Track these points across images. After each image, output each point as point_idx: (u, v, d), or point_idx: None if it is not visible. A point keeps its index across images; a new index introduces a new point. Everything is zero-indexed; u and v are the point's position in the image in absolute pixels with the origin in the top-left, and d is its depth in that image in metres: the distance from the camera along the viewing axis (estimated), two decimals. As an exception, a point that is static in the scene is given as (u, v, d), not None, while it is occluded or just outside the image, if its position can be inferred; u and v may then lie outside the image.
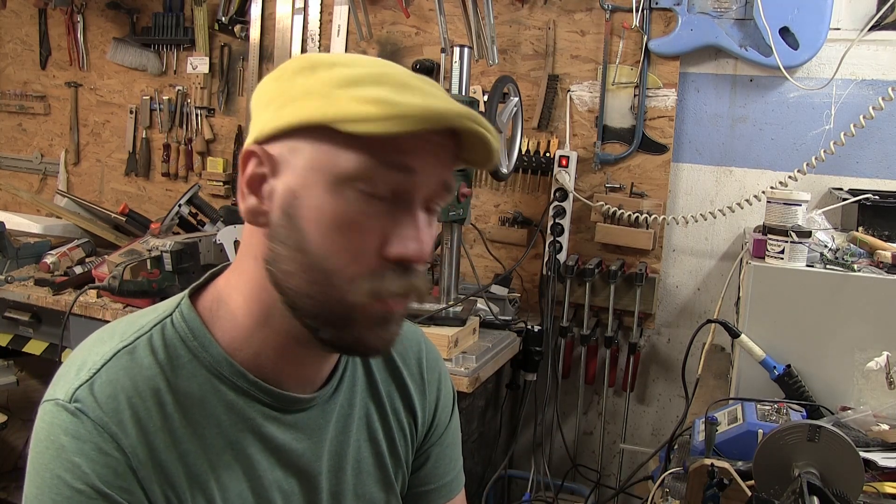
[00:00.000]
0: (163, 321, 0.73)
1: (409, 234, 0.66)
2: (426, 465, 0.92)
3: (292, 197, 0.67)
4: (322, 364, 0.78)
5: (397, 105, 0.62)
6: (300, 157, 0.66)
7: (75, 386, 0.67)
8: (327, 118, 0.64)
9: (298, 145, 0.67)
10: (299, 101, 0.66)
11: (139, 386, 0.68)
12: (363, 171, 0.64)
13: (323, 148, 0.65)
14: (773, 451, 1.02)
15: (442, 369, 0.94)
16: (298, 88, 0.67)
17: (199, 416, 0.70)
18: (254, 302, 0.71)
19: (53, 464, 0.65)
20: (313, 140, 0.66)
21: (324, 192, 0.65)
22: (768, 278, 1.44)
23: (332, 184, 0.65)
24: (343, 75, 0.65)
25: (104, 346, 0.70)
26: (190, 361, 0.71)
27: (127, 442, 0.66)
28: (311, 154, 0.66)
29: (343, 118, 0.63)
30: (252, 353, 0.72)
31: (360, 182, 0.65)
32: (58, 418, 0.66)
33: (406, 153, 0.65)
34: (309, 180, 0.66)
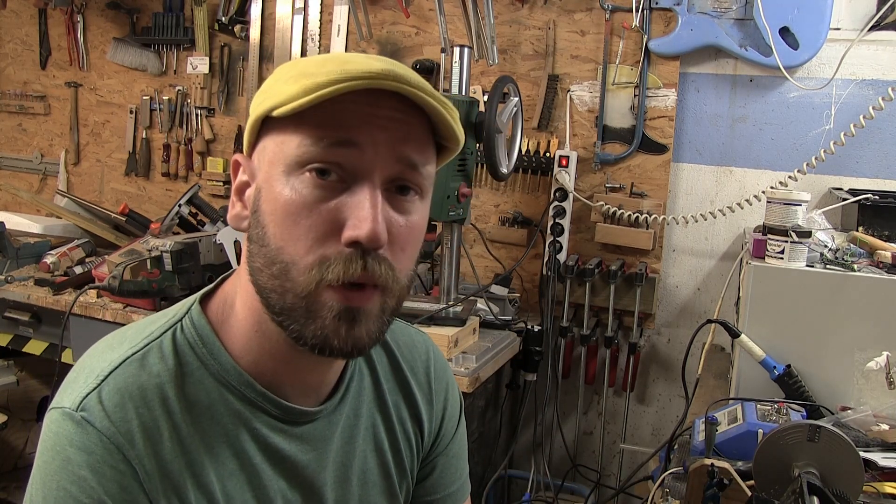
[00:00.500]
0: (173, 327, 0.72)
1: (361, 214, 0.63)
2: (432, 475, 0.91)
3: (257, 193, 0.68)
4: (323, 373, 0.76)
5: (312, 76, 0.62)
6: (264, 154, 0.68)
7: (83, 394, 0.66)
8: (266, 109, 0.65)
9: (264, 143, 0.68)
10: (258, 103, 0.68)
11: (148, 394, 0.67)
12: (306, 153, 0.64)
13: (275, 140, 0.66)
14: (773, 451, 1.02)
15: (450, 379, 0.93)
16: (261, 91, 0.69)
17: (206, 424, 0.69)
18: (248, 308, 0.71)
19: (60, 475, 0.64)
20: (270, 135, 0.67)
21: (279, 182, 0.65)
22: (768, 278, 1.44)
23: (285, 173, 0.65)
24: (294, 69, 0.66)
25: (113, 352, 0.70)
26: (198, 369, 0.70)
27: (134, 453, 0.65)
28: (269, 149, 0.67)
29: (274, 104, 0.64)
30: (253, 361, 0.72)
31: (308, 165, 0.64)
32: (64, 428, 0.65)
33: (348, 128, 0.63)
34: (268, 174, 0.67)
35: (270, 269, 0.65)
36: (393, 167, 0.65)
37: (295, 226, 0.64)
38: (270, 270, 0.65)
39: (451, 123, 0.67)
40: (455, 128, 0.68)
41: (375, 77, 0.61)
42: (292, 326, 0.66)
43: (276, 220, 0.65)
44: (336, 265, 0.63)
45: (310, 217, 0.64)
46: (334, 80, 0.61)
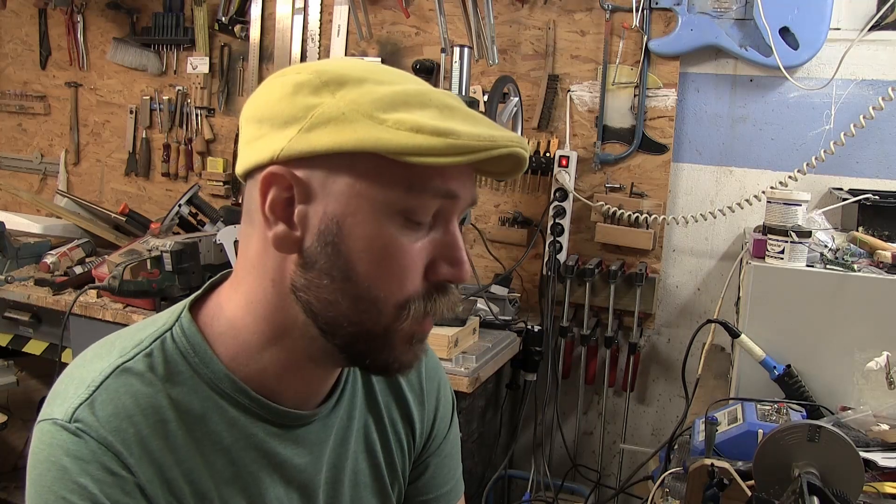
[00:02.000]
0: (162, 335, 0.70)
1: (454, 256, 0.67)
2: (424, 475, 0.91)
3: (335, 225, 0.64)
4: (327, 380, 0.76)
5: (454, 135, 0.61)
6: (341, 184, 0.63)
7: (75, 405, 0.65)
8: (379, 147, 0.61)
9: (338, 170, 0.63)
10: (337, 124, 0.62)
11: (141, 403, 0.66)
12: (413, 201, 0.64)
13: (370, 174, 0.63)
14: (773, 451, 1.02)
15: (441, 378, 0.93)
16: (329, 108, 0.62)
17: (200, 432, 0.68)
18: (266, 323, 0.69)
19: (57, 486, 0.63)
20: (357, 165, 0.63)
21: (370, 220, 0.63)
22: (768, 278, 1.44)
23: (380, 212, 0.63)
24: (379, 96, 0.62)
25: (102, 361, 0.68)
26: (191, 377, 0.69)
27: (132, 461, 0.64)
28: (356, 180, 0.63)
29: (397, 149, 0.60)
30: (257, 370, 0.71)
31: (407, 210, 0.64)
32: (58, 439, 0.64)
33: (452, 179, 0.65)
34: (353, 208, 0.63)
35: (357, 304, 0.65)
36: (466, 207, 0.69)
37: (389, 265, 0.65)
38: (357, 305, 0.65)
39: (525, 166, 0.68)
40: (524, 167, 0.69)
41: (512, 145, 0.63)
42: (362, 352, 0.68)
43: (369, 259, 0.64)
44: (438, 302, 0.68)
45: (403, 258, 0.65)
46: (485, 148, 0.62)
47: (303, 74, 0.65)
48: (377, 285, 0.65)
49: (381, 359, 0.69)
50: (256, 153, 0.66)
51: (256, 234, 0.68)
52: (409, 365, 0.70)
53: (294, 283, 0.66)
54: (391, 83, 0.64)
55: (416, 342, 0.69)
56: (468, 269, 0.68)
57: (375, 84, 0.64)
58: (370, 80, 0.64)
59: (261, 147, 0.65)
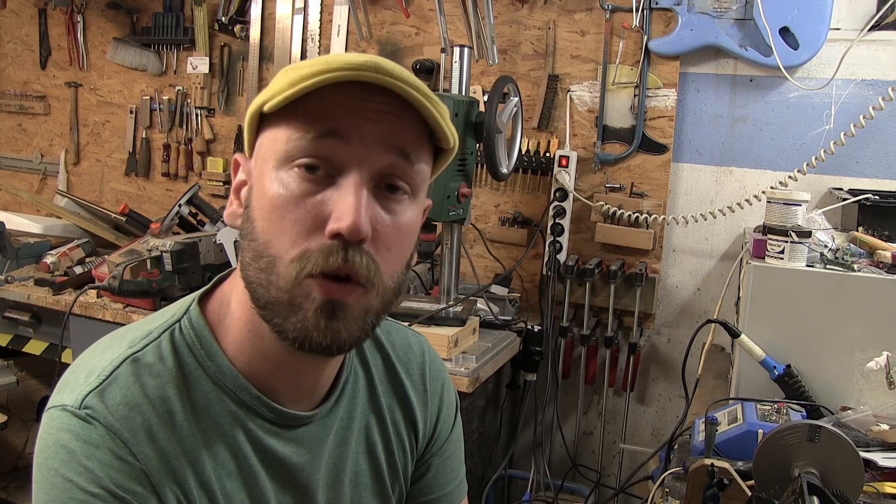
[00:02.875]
0: (171, 327, 0.72)
1: (343, 207, 0.62)
2: (427, 476, 0.91)
3: (249, 190, 0.70)
4: (316, 375, 0.76)
5: (298, 69, 0.63)
6: (259, 152, 0.69)
7: (85, 392, 0.66)
8: (258, 105, 0.66)
9: (259, 142, 0.69)
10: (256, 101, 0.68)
11: (149, 393, 0.67)
12: (296, 147, 0.64)
13: (268, 136, 0.68)
14: (773, 451, 1.02)
15: (445, 379, 0.93)
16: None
17: (205, 424, 0.70)
18: (242, 306, 0.71)
19: (64, 468, 0.64)
20: (264, 132, 0.69)
21: (268, 177, 0.66)
22: (768, 278, 1.44)
23: (275, 168, 0.66)
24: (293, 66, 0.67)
25: (112, 352, 0.70)
26: (196, 370, 0.70)
27: (139, 448, 0.65)
28: (263, 146, 0.68)
29: (265, 100, 0.65)
30: (247, 361, 0.72)
31: (296, 159, 0.64)
32: (67, 423, 0.65)
33: (335, 119, 0.64)
34: (260, 170, 0.68)
35: (258, 262, 0.66)
36: (381, 160, 0.65)
37: (281, 220, 0.64)
38: (258, 264, 0.66)
39: (437, 118, 0.66)
40: (443, 124, 0.67)
41: (357, 68, 0.61)
42: (275, 320, 0.66)
43: (263, 214, 0.66)
44: (317, 256, 0.63)
45: (296, 211, 0.64)
46: (317, 72, 0.62)
47: None
48: (271, 241, 0.65)
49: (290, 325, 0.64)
50: None
51: None
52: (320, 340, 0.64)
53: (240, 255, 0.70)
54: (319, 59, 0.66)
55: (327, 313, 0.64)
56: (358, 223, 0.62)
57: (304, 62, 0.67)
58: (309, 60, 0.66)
59: None
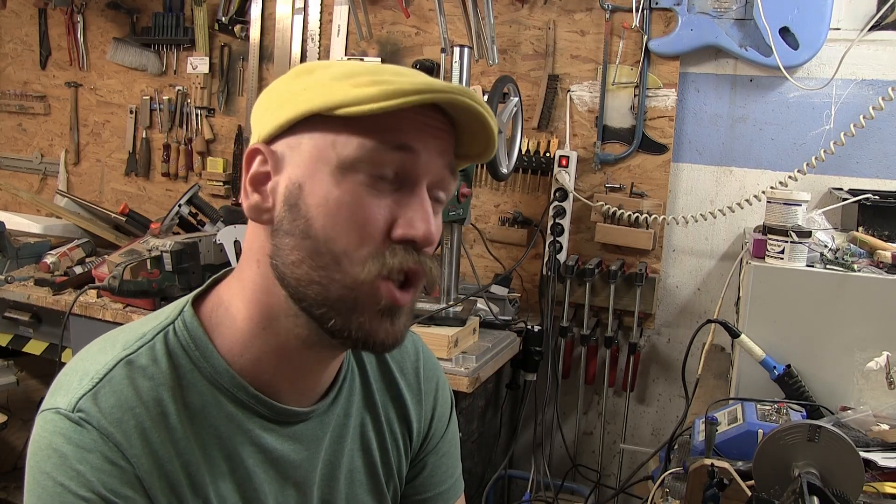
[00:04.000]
0: (165, 329, 0.72)
1: (415, 215, 0.66)
2: (422, 474, 0.91)
3: (297, 188, 0.67)
4: (322, 373, 0.77)
5: (392, 83, 0.64)
6: (302, 150, 0.67)
7: (78, 395, 0.66)
8: (326, 106, 0.65)
9: (300, 139, 0.68)
10: (298, 98, 0.67)
11: (143, 396, 0.67)
12: (366, 155, 0.65)
13: (325, 137, 0.66)
14: (773, 451, 1.02)
15: (440, 378, 0.93)
16: (296, 88, 0.69)
17: (199, 426, 0.69)
18: (254, 305, 0.71)
19: (56, 472, 0.64)
20: (314, 131, 0.67)
21: (328, 179, 0.66)
22: (768, 278, 1.44)
23: (337, 170, 0.66)
24: (340, 70, 0.68)
25: (106, 354, 0.70)
26: (191, 371, 0.70)
27: (132, 452, 0.65)
28: (313, 144, 0.67)
29: (341, 103, 0.64)
30: (251, 360, 0.72)
31: (363, 166, 0.65)
32: (60, 427, 0.65)
33: (406, 132, 0.66)
34: (312, 170, 0.67)
35: (316, 259, 0.66)
36: (438, 173, 0.69)
37: (348, 220, 0.65)
38: (316, 261, 0.66)
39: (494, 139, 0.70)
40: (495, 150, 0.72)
41: (457, 92, 0.65)
42: (334, 319, 0.67)
43: (326, 212, 0.66)
44: (394, 255, 0.66)
45: (364, 213, 0.66)
46: (419, 90, 0.63)
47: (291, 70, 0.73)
48: (334, 239, 0.65)
49: (352, 327, 0.67)
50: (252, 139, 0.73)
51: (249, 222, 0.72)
52: (383, 340, 0.68)
53: (269, 252, 0.69)
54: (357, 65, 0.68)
55: (388, 313, 0.67)
56: (431, 230, 0.67)
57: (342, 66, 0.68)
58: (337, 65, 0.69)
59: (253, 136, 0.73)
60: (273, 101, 0.70)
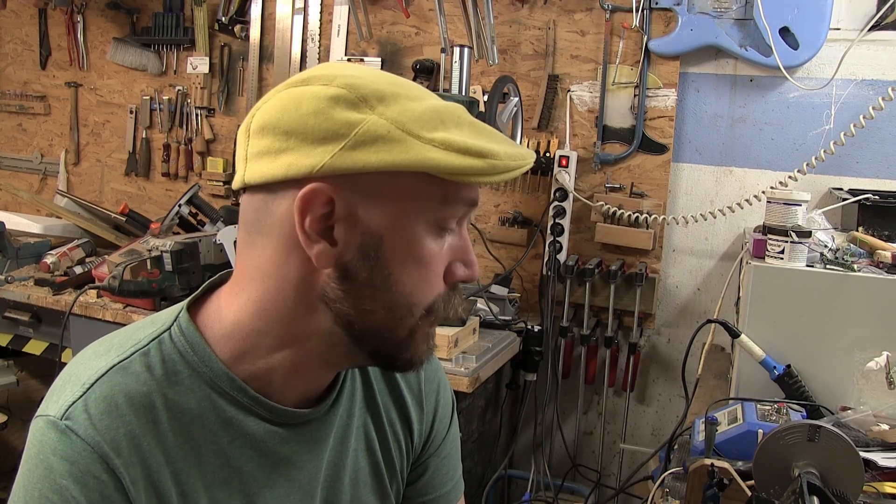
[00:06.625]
0: (161, 335, 0.71)
1: (467, 258, 0.72)
2: (424, 476, 0.91)
3: (377, 240, 0.66)
4: (329, 378, 0.77)
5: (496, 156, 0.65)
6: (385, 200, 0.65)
7: (69, 402, 0.66)
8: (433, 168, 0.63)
9: (382, 187, 0.65)
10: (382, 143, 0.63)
11: (134, 402, 0.67)
12: (447, 210, 0.68)
13: (412, 191, 0.66)
14: (773, 451, 1.02)
15: (441, 380, 0.93)
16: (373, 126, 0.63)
17: (195, 433, 0.69)
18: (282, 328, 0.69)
19: (42, 483, 0.64)
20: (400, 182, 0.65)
21: (411, 232, 0.67)
22: (768, 278, 1.44)
23: (419, 224, 0.67)
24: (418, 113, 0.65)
25: (100, 360, 0.69)
26: (189, 377, 0.69)
27: (119, 461, 0.65)
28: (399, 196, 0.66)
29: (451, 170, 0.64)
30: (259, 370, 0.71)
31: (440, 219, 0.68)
32: (48, 436, 0.65)
33: (475, 189, 0.70)
34: (395, 222, 0.66)
35: (395, 311, 0.69)
36: None
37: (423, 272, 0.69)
38: (395, 312, 0.69)
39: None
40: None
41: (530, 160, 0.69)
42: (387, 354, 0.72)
43: (410, 269, 0.68)
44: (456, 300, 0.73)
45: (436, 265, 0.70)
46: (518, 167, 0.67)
47: (332, 88, 0.65)
48: (413, 292, 0.69)
49: (404, 358, 0.72)
50: (283, 167, 0.65)
51: (271, 245, 0.68)
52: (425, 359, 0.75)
53: (327, 294, 0.68)
54: (419, 98, 0.68)
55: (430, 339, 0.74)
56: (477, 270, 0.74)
57: (407, 100, 0.66)
58: (402, 95, 0.67)
59: (289, 161, 0.65)
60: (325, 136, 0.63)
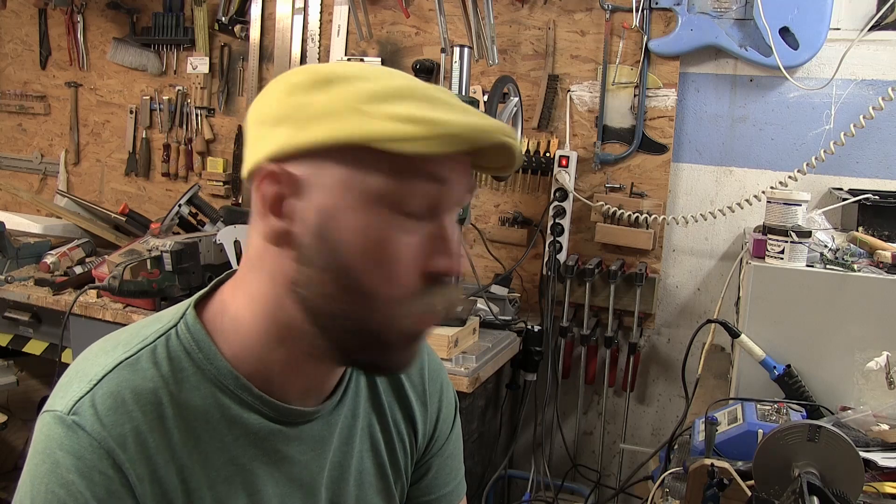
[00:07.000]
0: (167, 332, 0.71)
1: (443, 248, 0.66)
2: (427, 476, 0.91)
3: (327, 218, 0.64)
4: (329, 377, 0.77)
5: (439, 124, 0.61)
6: (331, 177, 0.64)
7: (76, 397, 0.66)
8: (365, 138, 0.61)
9: (327, 164, 0.64)
10: (325, 120, 0.63)
11: (140, 399, 0.67)
12: (400, 187, 0.63)
13: (358, 166, 0.63)
14: (773, 451, 1.02)
15: (444, 380, 0.93)
16: (319, 106, 0.64)
17: (200, 430, 0.69)
18: (269, 321, 0.69)
19: (48, 478, 0.64)
20: (345, 158, 0.63)
21: (360, 211, 0.64)
22: (768, 278, 1.44)
23: (369, 202, 0.64)
24: (366, 91, 0.63)
25: (107, 357, 0.69)
26: (194, 374, 0.70)
27: (125, 457, 0.65)
28: (345, 173, 0.64)
29: (383, 137, 0.61)
30: (260, 367, 0.71)
31: (395, 199, 0.64)
32: (55, 431, 0.65)
33: (442, 166, 0.65)
34: (343, 200, 0.64)
35: (349, 296, 0.65)
36: (465, 199, 0.69)
37: (379, 257, 0.64)
38: (349, 298, 0.65)
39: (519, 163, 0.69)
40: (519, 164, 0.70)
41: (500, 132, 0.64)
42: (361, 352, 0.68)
43: (359, 250, 0.64)
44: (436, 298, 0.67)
45: (394, 249, 0.64)
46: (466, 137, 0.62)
47: (298, 76, 0.67)
48: (368, 277, 0.64)
49: (377, 358, 0.69)
50: (255, 153, 0.67)
51: (255, 233, 0.70)
52: (406, 365, 0.70)
53: (292, 279, 0.67)
54: (379, 79, 0.65)
55: (414, 342, 0.69)
56: (457, 262, 0.67)
57: (364, 81, 0.64)
58: (360, 77, 0.65)
59: (259, 147, 0.67)
60: (289, 116, 0.65)
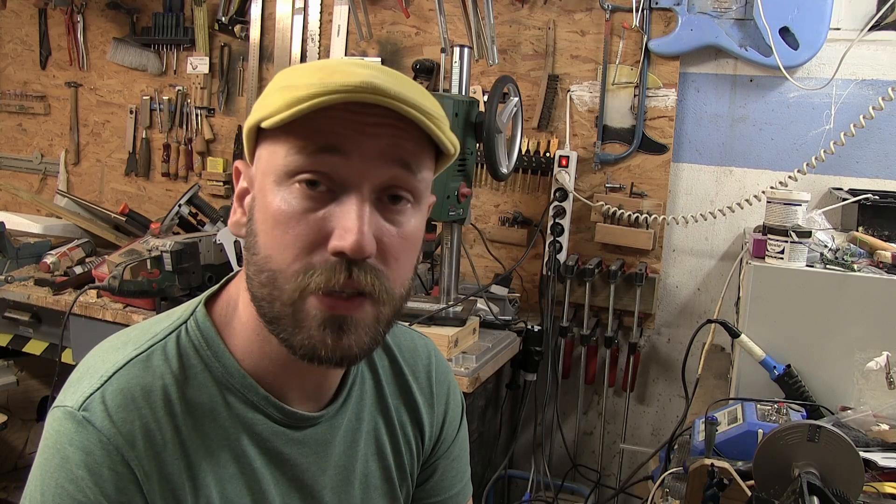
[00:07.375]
0: (177, 329, 0.72)
1: (346, 225, 0.62)
2: (433, 478, 0.91)
3: (252, 202, 0.69)
4: (322, 377, 0.76)
5: (294, 88, 0.62)
6: (259, 165, 0.69)
7: (86, 394, 0.67)
8: (256, 119, 0.66)
9: (259, 153, 0.69)
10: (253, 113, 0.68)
11: (151, 395, 0.67)
12: (295, 163, 0.64)
13: (267, 149, 0.67)
14: (773, 451, 1.02)
15: (451, 382, 0.93)
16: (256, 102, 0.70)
17: (208, 427, 0.70)
18: (250, 311, 0.71)
19: (58, 473, 0.65)
20: (263, 145, 0.68)
21: (270, 192, 0.66)
22: (768, 278, 1.44)
23: (276, 183, 0.65)
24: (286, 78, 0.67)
25: (117, 353, 0.70)
26: (202, 371, 0.70)
27: (133, 454, 0.65)
28: (262, 158, 0.68)
29: (263, 116, 0.65)
30: (255, 363, 0.72)
31: (297, 175, 0.64)
32: (65, 427, 0.66)
33: (334, 136, 0.63)
34: (261, 184, 0.68)
35: (259, 277, 0.66)
36: (382, 175, 0.65)
37: (283, 235, 0.64)
38: (259, 278, 0.66)
39: (437, 133, 0.65)
40: (443, 137, 0.66)
41: (353, 91, 0.60)
42: (282, 335, 0.66)
43: (266, 229, 0.66)
44: (319, 273, 0.63)
45: (297, 226, 0.64)
46: (313, 94, 0.61)
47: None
48: (272, 256, 0.65)
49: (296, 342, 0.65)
50: None
51: None
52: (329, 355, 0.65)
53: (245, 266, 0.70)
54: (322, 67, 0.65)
55: (332, 327, 0.64)
56: (361, 241, 0.62)
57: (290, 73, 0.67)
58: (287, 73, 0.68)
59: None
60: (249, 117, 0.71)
